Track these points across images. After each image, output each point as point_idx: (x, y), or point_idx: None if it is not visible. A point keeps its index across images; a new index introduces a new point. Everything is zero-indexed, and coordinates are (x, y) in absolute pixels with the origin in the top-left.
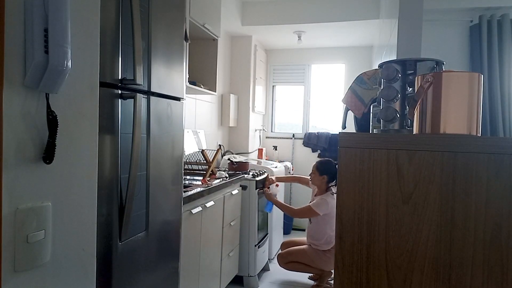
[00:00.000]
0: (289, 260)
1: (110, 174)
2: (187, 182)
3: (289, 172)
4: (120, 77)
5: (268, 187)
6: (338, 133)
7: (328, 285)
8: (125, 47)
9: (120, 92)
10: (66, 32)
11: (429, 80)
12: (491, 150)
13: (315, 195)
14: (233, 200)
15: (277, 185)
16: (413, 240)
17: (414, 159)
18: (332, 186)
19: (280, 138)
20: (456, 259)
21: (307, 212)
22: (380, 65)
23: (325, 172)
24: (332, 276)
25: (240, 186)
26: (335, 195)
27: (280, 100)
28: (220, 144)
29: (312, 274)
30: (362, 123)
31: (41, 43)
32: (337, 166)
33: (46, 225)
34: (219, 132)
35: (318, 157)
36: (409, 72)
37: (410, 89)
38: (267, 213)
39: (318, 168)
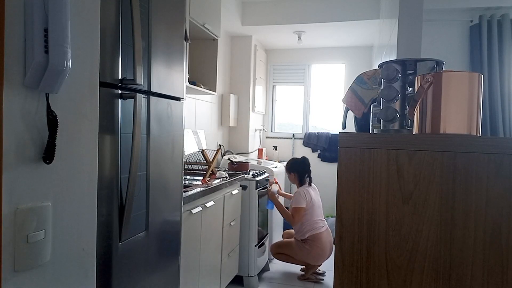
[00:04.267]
0: (278, 251)
1: (110, 174)
2: (187, 182)
3: None
4: (120, 77)
5: (270, 186)
6: (338, 133)
7: (313, 277)
8: (125, 47)
9: (120, 92)
10: (66, 32)
11: (429, 80)
12: (491, 150)
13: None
14: (233, 200)
15: (276, 182)
16: (413, 240)
17: (414, 159)
18: (306, 179)
19: (280, 138)
20: (456, 259)
21: (296, 212)
22: (380, 65)
23: (292, 170)
24: (317, 269)
25: (240, 186)
26: (311, 185)
27: (280, 100)
28: (220, 144)
29: (303, 266)
30: (362, 123)
31: (41, 43)
32: (301, 158)
33: (46, 225)
34: (219, 132)
35: (318, 157)
36: (409, 72)
37: (410, 89)
38: (267, 213)
39: (286, 169)
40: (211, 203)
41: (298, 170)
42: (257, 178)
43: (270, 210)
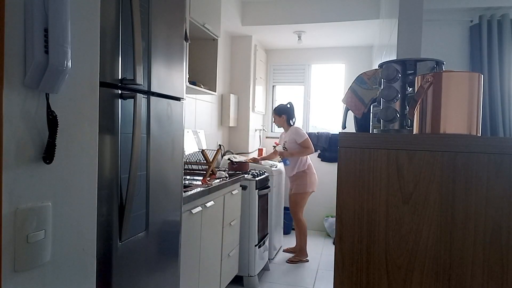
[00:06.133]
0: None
1: (110, 174)
2: (187, 182)
3: None
4: (120, 77)
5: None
6: (338, 133)
7: (305, 260)
8: (125, 47)
9: (120, 92)
10: (66, 32)
11: (429, 80)
12: (491, 150)
13: (284, 134)
14: (233, 200)
15: (277, 144)
16: (413, 240)
17: (414, 159)
18: (293, 121)
19: None
20: (456, 259)
21: (307, 142)
22: (380, 65)
23: (282, 113)
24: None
25: (240, 186)
26: (296, 126)
27: (280, 100)
28: (220, 144)
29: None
30: (362, 123)
31: (41, 43)
32: (288, 105)
33: (46, 225)
34: (219, 132)
35: (318, 157)
36: (409, 72)
37: (410, 89)
38: (267, 213)
39: (276, 113)
40: (211, 203)
41: (287, 113)
42: (257, 178)
43: (274, 210)
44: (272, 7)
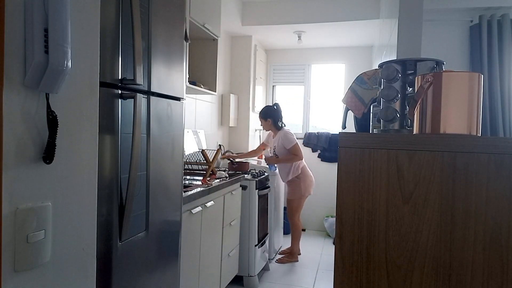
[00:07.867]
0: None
1: (110, 174)
2: (187, 182)
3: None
4: (120, 77)
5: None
6: (338, 133)
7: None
8: (125, 47)
9: (120, 92)
10: (66, 32)
11: (429, 80)
12: (491, 150)
13: (273, 138)
14: (233, 200)
15: (264, 148)
16: (413, 240)
17: (414, 159)
18: (281, 123)
19: None
20: (456, 259)
21: (296, 149)
22: (380, 65)
23: (267, 116)
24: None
25: (240, 186)
26: (286, 128)
27: (280, 100)
28: (220, 144)
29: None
30: (362, 123)
31: (41, 43)
32: (274, 106)
33: (46, 225)
34: (219, 132)
35: (318, 157)
36: (409, 72)
37: (410, 89)
38: (267, 213)
39: (261, 117)
40: (211, 203)
41: (273, 116)
42: (257, 178)
43: (273, 210)
44: (272, 7)
